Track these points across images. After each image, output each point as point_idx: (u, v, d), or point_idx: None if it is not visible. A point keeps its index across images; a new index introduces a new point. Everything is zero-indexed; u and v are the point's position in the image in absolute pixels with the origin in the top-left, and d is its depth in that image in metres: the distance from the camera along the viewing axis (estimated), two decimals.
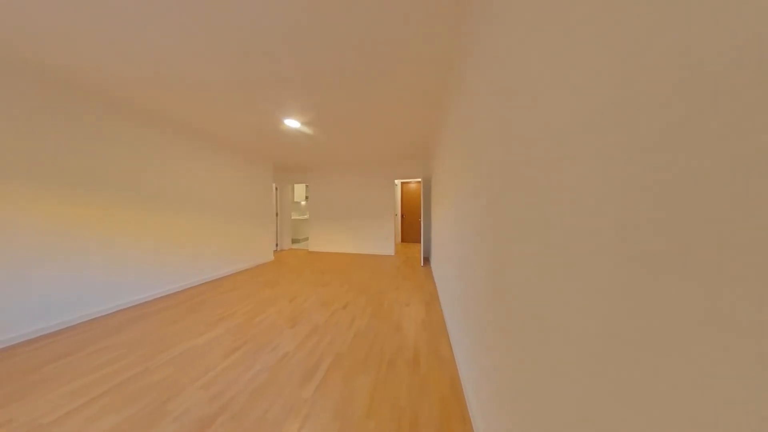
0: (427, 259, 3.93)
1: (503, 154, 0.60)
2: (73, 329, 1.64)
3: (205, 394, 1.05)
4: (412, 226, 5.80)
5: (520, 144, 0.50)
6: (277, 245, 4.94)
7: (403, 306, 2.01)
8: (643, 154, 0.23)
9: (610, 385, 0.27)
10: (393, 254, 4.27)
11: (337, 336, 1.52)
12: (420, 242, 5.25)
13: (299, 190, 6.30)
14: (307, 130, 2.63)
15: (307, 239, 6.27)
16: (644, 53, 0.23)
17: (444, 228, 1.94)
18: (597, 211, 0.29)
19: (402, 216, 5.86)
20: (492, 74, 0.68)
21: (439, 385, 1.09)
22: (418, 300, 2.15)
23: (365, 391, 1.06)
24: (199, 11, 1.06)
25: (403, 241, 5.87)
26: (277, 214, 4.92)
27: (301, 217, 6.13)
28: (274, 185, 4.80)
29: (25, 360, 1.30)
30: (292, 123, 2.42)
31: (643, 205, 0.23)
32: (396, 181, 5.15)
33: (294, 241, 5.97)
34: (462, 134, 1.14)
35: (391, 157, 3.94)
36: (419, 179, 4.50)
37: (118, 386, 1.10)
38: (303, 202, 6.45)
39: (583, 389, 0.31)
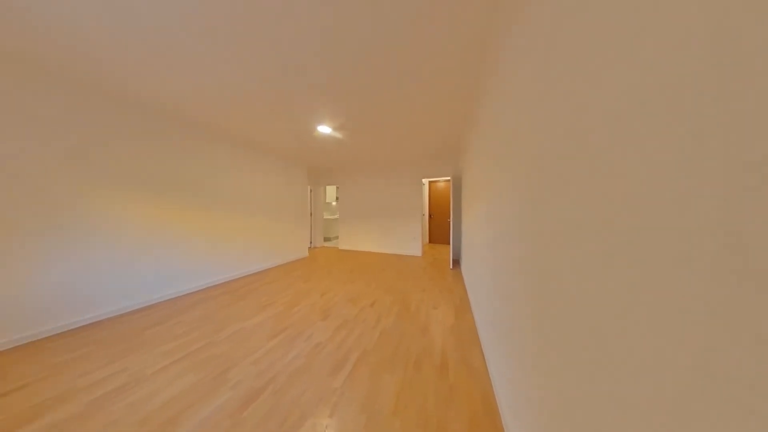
0: (456, 262, 3.77)
1: (551, 144, 0.53)
2: (160, 305, 2.09)
3: (254, 369, 1.23)
4: (441, 227, 5.62)
5: (573, 132, 0.44)
6: (311, 243, 5.37)
7: (430, 308, 1.98)
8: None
9: None
10: (420, 255, 4.21)
11: (364, 332, 1.60)
12: (449, 244, 5.06)
13: (330, 192, 6.71)
14: (337, 134, 2.80)
15: (337, 238, 6.63)
16: None
17: (476, 229, 1.84)
18: (685, 209, 0.23)
19: (430, 216, 5.73)
20: (536, 54, 0.61)
21: (470, 397, 1.05)
22: (446, 303, 2.09)
23: (391, 389, 1.09)
24: (249, 40, 1.25)
25: (430, 242, 5.72)
26: (311, 214, 5.35)
27: (331, 217, 6.52)
28: (308, 187, 5.22)
29: (133, 325, 1.71)
30: (324, 129, 2.62)
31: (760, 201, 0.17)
32: (423, 181, 5.08)
33: (326, 239, 6.38)
34: (498, 126, 1.05)
35: (418, 156, 3.88)
36: (448, 178, 4.36)
37: (191, 353, 1.37)
38: (334, 203, 6.85)
39: None
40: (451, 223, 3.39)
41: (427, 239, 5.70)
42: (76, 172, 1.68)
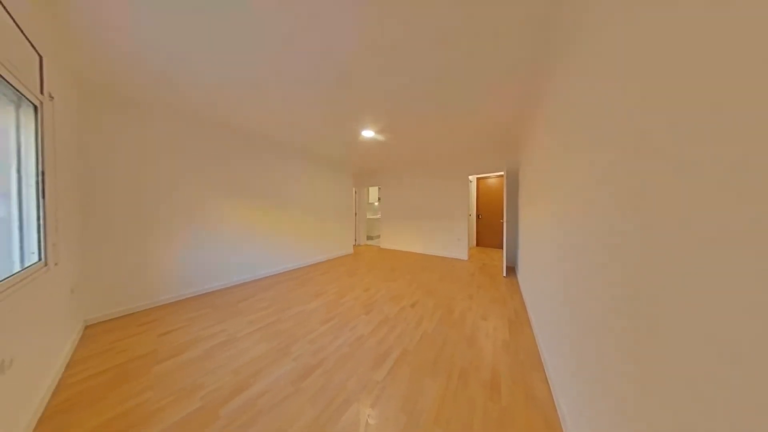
0: (511, 269, 3.29)
1: (670, 115, 0.40)
2: (247, 284, 2.67)
3: (311, 348, 1.42)
4: (491, 229, 5.03)
5: (710, 94, 0.32)
6: (355, 240, 5.77)
7: (478, 318, 1.81)
8: None
9: None
10: (466, 259, 3.90)
11: (405, 331, 1.61)
12: (502, 248, 4.50)
13: (373, 192, 7.02)
14: (380, 137, 2.91)
15: (379, 237, 6.88)
16: None
17: (539, 233, 1.57)
18: None
19: (478, 216, 5.21)
20: None
21: (530, 428, 0.91)
22: (498, 315, 1.86)
23: (432, 395, 1.05)
24: (311, 72, 1.45)
25: (478, 244, 5.21)
26: (355, 214, 5.75)
27: (374, 217, 6.82)
28: (353, 189, 5.62)
29: (231, 297, 2.26)
30: (367, 133, 2.76)
31: None
32: (471, 178, 4.67)
33: (369, 237, 6.72)
34: (575, 103, 0.87)
35: (465, 150, 3.57)
36: (501, 173, 3.87)
37: (266, 326, 1.70)
38: (376, 203, 7.14)
39: None
40: (505, 224, 2.99)
41: (474, 242, 5.22)
42: (199, 184, 2.34)
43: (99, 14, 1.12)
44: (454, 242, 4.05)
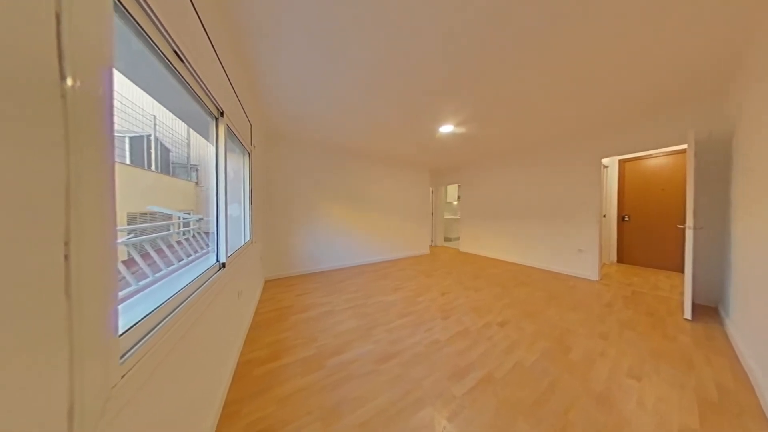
0: (708, 310, 1.93)
1: None
2: (342, 270, 3.34)
3: (389, 336, 1.57)
4: (653, 238, 3.19)
5: None
6: (432, 241, 5.65)
7: (620, 373, 1.20)
8: None
9: None
10: (596, 279, 2.75)
11: (489, 352, 1.39)
12: (681, 271, 2.84)
13: (451, 191, 6.55)
14: (460, 129, 2.66)
15: (458, 239, 6.34)
16: None
17: None
18: None
19: (622, 218, 3.48)
20: None
21: None
22: (670, 382, 1.15)
23: None
24: (397, 89, 1.59)
25: (623, 260, 3.47)
26: (432, 214, 5.62)
27: (452, 217, 6.35)
28: (430, 189, 5.51)
29: (333, 278, 2.92)
30: (445, 128, 2.61)
31: None
32: (606, 161, 3.26)
33: (446, 239, 6.36)
34: None
35: (598, 121, 2.44)
36: (682, 146, 2.41)
37: (355, 306, 2.05)
38: (455, 203, 6.62)
39: None
40: (692, 232, 1.81)
41: (614, 255, 3.56)
42: (315, 191, 3.21)
43: (275, 99, 1.82)
44: (572, 253, 2.98)
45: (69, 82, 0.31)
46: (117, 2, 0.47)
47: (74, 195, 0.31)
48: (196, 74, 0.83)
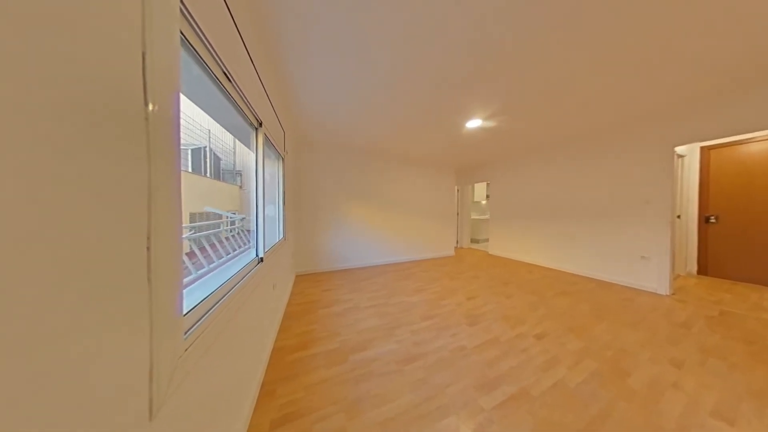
0: None
1: None
2: (364, 269, 3.41)
3: (412, 338, 1.55)
4: (748, 245, 2.49)
5: None
6: (457, 242, 5.40)
7: (705, 414, 0.97)
8: None
9: None
10: (666, 293, 2.28)
11: (522, 366, 1.27)
12: None
13: (479, 190, 6.16)
14: (489, 123, 2.49)
15: (486, 240, 5.94)
16: None
17: None
18: None
19: (706, 219, 2.79)
20: None
21: None
22: None
23: None
24: (414, 85, 1.57)
25: (705, 272, 2.79)
26: (457, 214, 5.36)
27: (480, 217, 5.97)
28: (455, 187, 5.27)
29: (356, 276, 3.01)
30: (473, 123, 2.47)
31: None
32: (680, 149, 2.70)
33: (473, 240, 6.01)
34: None
35: (669, 101, 2.03)
36: None
37: (377, 305, 2.07)
38: (483, 202, 6.21)
39: None
40: None
41: (692, 266, 2.90)
42: (340, 193, 3.35)
43: (304, 106, 1.96)
44: (630, 261, 2.53)
45: (150, 107, 0.38)
46: (183, 37, 0.56)
47: (154, 198, 0.38)
48: (241, 91, 0.94)
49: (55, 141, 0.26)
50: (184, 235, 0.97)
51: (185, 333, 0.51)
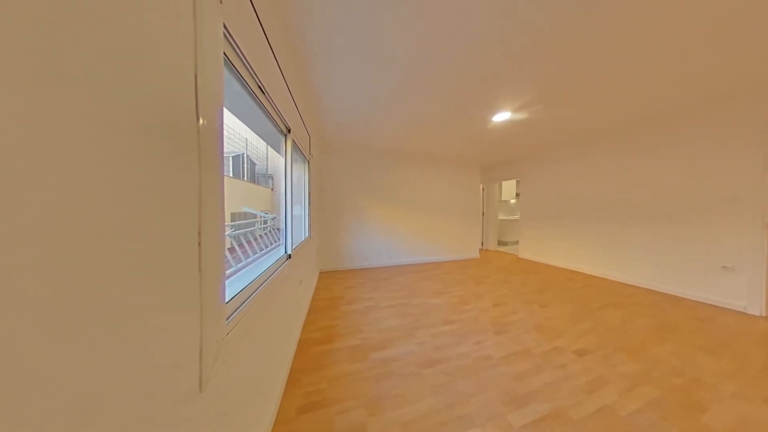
0: None
1: None
2: (385, 268, 3.43)
3: (432, 342, 1.51)
4: None
5: None
6: (482, 244, 5.09)
7: None
8: None
9: None
10: (759, 313, 1.82)
11: (560, 385, 1.14)
12: None
13: (507, 188, 5.72)
14: (520, 116, 2.29)
15: (516, 243, 5.49)
16: None
17: None
18: None
19: None
20: None
21: None
22: None
23: None
24: (436, 80, 1.52)
25: None
26: (482, 214, 5.05)
27: (509, 218, 5.54)
28: (480, 186, 4.97)
29: (377, 275, 3.04)
30: (501, 117, 2.30)
31: None
32: None
33: (500, 243, 5.61)
34: None
35: (760, 76, 1.65)
36: None
37: (397, 305, 2.07)
38: (512, 201, 5.75)
39: None
40: None
41: None
42: (362, 193, 3.42)
43: (327, 111, 2.06)
44: (707, 271, 2.09)
45: (201, 121, 0.44)
46: (226, 58, 0.64)
47: (203, 199, 0.44)
48: (272, 101, 1.03)
49: (133, 154, 0.31)
50: (226, 233, 1.10)
51: (227, 318, 0.58)
